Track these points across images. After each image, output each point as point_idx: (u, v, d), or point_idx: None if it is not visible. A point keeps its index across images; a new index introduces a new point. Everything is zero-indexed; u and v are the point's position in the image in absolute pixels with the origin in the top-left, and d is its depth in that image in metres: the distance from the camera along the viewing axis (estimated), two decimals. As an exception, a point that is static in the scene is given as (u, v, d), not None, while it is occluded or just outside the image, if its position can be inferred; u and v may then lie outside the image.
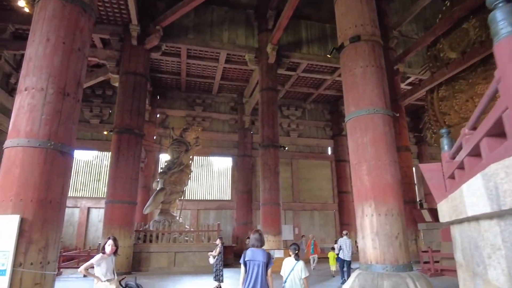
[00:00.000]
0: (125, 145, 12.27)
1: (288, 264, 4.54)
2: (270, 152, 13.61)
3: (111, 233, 11.26)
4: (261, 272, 3.78)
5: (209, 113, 19.84)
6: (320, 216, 20.12)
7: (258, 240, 3.96)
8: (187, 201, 18.11)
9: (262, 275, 3.79)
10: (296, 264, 4.47)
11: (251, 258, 3.86)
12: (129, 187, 11.96)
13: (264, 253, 3.91)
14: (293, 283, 4.39)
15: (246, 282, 3.83)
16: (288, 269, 4.47)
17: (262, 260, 3.81)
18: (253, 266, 3.81)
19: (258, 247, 3.95)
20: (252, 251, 3.92)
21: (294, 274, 4.41)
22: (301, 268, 4.42)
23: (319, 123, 21.70)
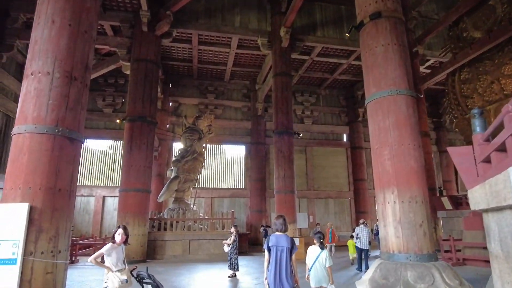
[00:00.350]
0: (138, 133, 12.17)
1: (312, 252, 4.53)
2: (284, 139, 13.29)
3: (125, 222, 11.30)
4: (285, 257, 3.77)
5: (222, 100, 19.58)
6: (335, 204, 19.81)
7: (282, 225, 3.98)
8: (201, 189, 18.08)
9: (287, 261, 3.78)
10: (321, 252, 4.45)
11: (275, 244, 3.87)
12: (142, 175, 11.90)
13: (288, 238, 3.90)
14: (317, 272, 4.38)
15: (270, 268, 3.83)
16: (313, 257, 4.47)
17: (286, 245, 3.81)
18: (277, 252, 3.81)
19: (282, 232, 3.95)
20: (276, 236, 3.92)
21: (319, 262, 4.40)
22: (326, 256, 4.41)
23: (334, 109, 21.18)
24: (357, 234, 9.69)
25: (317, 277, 4.42)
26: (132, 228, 11.28)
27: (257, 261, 11.71)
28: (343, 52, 16.73)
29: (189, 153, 14.46)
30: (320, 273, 4.39)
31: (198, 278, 8.18)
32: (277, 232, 4.01)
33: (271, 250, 3.90)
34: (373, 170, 6.55)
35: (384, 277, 5.20)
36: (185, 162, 14.32)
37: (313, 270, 4.43)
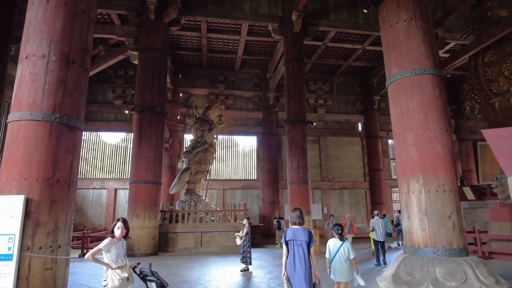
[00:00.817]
0: (147, 124, 11.90)
1: (333, 245, 4.38)
2: (297, 128, 12.81)
3: (136, 214, 11.14)
4: (303, 251, 3.68)
5: (232, 90, 19.16)
6: (350, 195, 19.29)
7: (299, 218, 3.87)
8: (212, 180, 17.84)
9: (305, 255, 3.68)
10: (342, 244, 4.33)
11: (292, 238, 3.76)
12: (152, 166, 11.65)
13: (306, 231, 3.79)
14: (340, 265, 4.25)
15: (289, 263, 3.73)
16: (334, 250, 4.33)
17: (304, 239, 3.71)
18: (295, 246, 3.71)
19: (299, 225, 3.85)
20: (293, 230, 3.81)
21: (341, 255, 4.27)
22: (348, 248, 4.30)
23: (349, 97, 20.50)
24: (373, 226, 9.46)
25: (339, 271, 4.27)
26: (143, 221, 11.12)
27: (270, 253, 11.38)
28: (357, 37, 16.04)
29: (200, 144, 14.15)
30: (342, 266, 4.24)
31: (209, 272, 7.90)
32: (293, 225, 3.89)
33: (288, 244, 3.79)
34: (396, 157, 6.05)
35: (409, 273, 4.76)
36: (196, 153, 14.03)
37: (336, 263, 4.28)
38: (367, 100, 20.15)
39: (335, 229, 4.49)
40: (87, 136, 18.02)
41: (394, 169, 20.53)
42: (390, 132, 20.41)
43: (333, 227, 4.56)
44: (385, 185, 19.31)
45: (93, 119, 17.90)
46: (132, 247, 10.90)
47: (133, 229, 11.03)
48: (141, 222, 11.09)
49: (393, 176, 20.11)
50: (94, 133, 18.11)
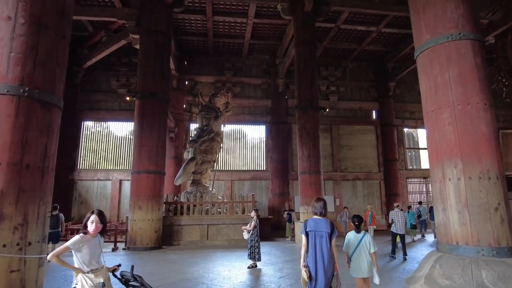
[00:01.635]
0: (149, 111, 11.24)
1: (353, 238, 4.15)
2: (308, 115, 11.98)
3: (138, 206, 10.52)
4: (325, 243, 3.57)
5: (240, 77, 18.32)
6: (363, 186, 18.41)
7: (322, 209, 3.73)
8: (220, 171, 17.17)
9: (327, 247, 3.57)
10: (363, 237, 4.10)
11: (313, 229, 3.65)
12: (155, 155, 11.01)
13: (328, 222, 3.67)
14: (360, 259, 4.04)
15: (309, 254, 3.62)
16: (354, 243, 4.11)
17: (325, 230, 3.61)
18: (316, 237, 3.61)
19: (321, 216, 3.71)
20: (314, 220, 3.71)
21: (361, 248, 4.05)
22: (369, 241, 4.08)
23: (362, 84, 19.46)
24: (392, 218, 9.08)
25: (359, 266, 4.04)
26: (145, 213, 10.52)
27: (280, 248, 10.67)
28: (372, 18, 15.02)
29: (206, 133, 13.44)
30: (362, 261, 4.02)
31: (214, 269, 7.22)
32: (315, 216, 3.75)
33: (309, 235, 3.68)
34: (428, 140, 5.21)
35: (447, 276, 3.97)
36: (202, 142, 13.34)
37: (356, 257, 4.06)
38: (382, 87, 19.09)
39: (354, 221, 4.23)
40: (91, 126, 17.50)
41: (410, 159, 19.54)
42: (406, 120, 19.40)
43: (352, 218, 4.28)
44: (400, 175, 18.36)
45: (97, 109, 17.35)
46: (134, 240, 10.35)
47: (135, 221, 10.48)
48: (143, 214, 10.49)
49: (409, 167, 19.13)
50: (98, 122, 17.56)
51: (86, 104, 17.31)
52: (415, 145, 19.77)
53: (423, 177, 18.94)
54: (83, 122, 17.31)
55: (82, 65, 16.36)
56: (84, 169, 16.90)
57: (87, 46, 16.50)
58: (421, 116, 19.40)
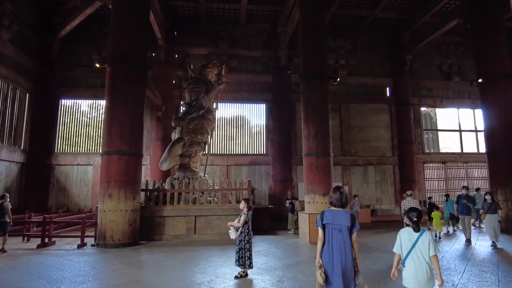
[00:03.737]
0: (122, 79, 9.28)
1: (407, 236, 3.21)
2: (315, 85, 9.97)
3: (108, 194, 8.67)
4: (344, 238, 3.15)
5: (237, 49, 16.24)
6: (376, 171, 16.47)
7: (339, 199, 3.24)
8: (214, 155, 15.33)
9: (346, 242, 3.14)
10: (421, 236, 3.16)
11: (330, 221, 3.21)
12: (129, 133, 9.10)
13: (348, 215, 3.23)
14: (417, 264, 3.09)
15: (326, 250, 3.18)
16: (408, 243, 3.18)
17: (345, 223, 3.17)
18: (334, 231, 3.18)
19: (339, 207, 3.25)
20: (331, 212, 3.26)
21: (417, 251, 3.12)
22: (429, 242, 3.12)
23: (375, 57, 17.32)
24: (404, 208, 8.41)
25: (414, 274, 3.09)
26: (117, 202, 8.68)
27: (281, 244, 8.81)
28: (390, -25, 12.82)
29: (195, 109, 11.51)
30: (419, 268, 3.07)
31: (189, 280, 5.35)
32: (333, 207, 3.27)
33: (326, 228, 3.22)
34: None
35: None
36: (190, 120, 11.42)
37: (410, 261, 3.13)
38: (397, 60, 16.95)
39: (410, 215, 3.27)
40: (69, 104, 15.59)
41: (427, 141, 17.51)
42: (423, 98, 17.30)
43: (407, 212, 3.30)
44: (417, 160, 16.40)
45: (76, 85, 15.45)
46: (104, 235, 8.54)
47: (105, 212, 8.66)
48: (114, 204, 8.64)
49: (426, 150, 17.11)
50: (77, 101, 15.64)
51: (64, 80, 15.39)
52: (433, 126, 17.79)
53: (442, 162, 16.96)
54: (61, 101, 15.42)
55: (57, 34, 14.35)
56: (63, 153, 15.10)
57: (62, 13, 14.47)
58: (439, 93, 17.39)
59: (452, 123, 17.56)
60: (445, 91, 17.58)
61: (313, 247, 8.37)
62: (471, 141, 17.49)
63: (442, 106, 17.55)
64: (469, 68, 17.77)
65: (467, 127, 17.56)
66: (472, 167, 17.12)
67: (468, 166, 17.08)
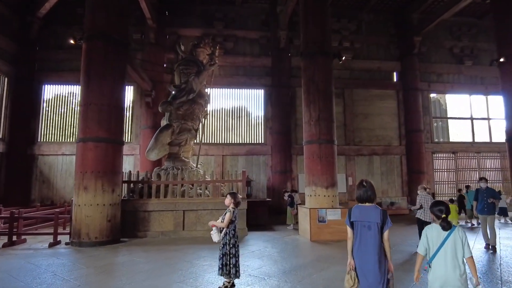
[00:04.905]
0: (99, 57, 8.21)
1: (434, 234, 2.77)
2: (318, 63, 8.86)
3: (83, 186, 7.68)
4: (374, 236, 2.84)
5: (233, 30, 15.07)
6: (381, 162, 15.43)
7: (365, 193, 2.94)
8: (209, 145, 14.31)
9: (376, 240, 2.83)
10: (451, 235, 2.71)
11: (359, 218, 2.92)
12: (107, 117, 8.05)
13: (378, 210, 2.90)
14: (447, 267, 2.64)
15: (355, 250, 2.90)
16: (436, 242, 2.74)
17: (375, 220, 2.86)
18: (363, 229, 2.89)
19: (368, 202, 2.93)
20: (360, 208, 2.95)
21: (447, 251, 2.67)
22: (463, 241, 2.69)
23: (381, 39, 16.13)
24: (421, 203, 7.33)
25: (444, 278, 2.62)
26: (94, 195, 7.67)
27: (278, 243, 7.81)
28: None
29: (184, 93, 10.44)
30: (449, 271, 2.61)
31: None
32: (361, 202, 2.95)
33: (354, 226, 2.94)
34: None
35: None
36: (179, 104, 10.37)
37: (438, 265, 2.67)
38: (405, 43, 15.77)
39: (437, 210, 2.79)
40: (53, 90, 14.50)
41: (436, 130, 16.42)
42: (432, 83, 16.14)
43: (433, 207, 2.83)
44: (425, 150, 15.35)
45: (60, 69, 14.34)
46: (78, 232, 7.56)
47: (79, 207, 7.66)
48: (90, 197, 7.65)
49: (435, 139, 16.04)
50: (61, 86, 14.56)
51: (47, 64, 14.30)
52: (442, 114, 16.61)
53: (452, 152, 15.90)
54: (44, 86, 14.35)
55: (36, 14, 13.22)
56: (46, 142, 14.08)
57: (43, -10, 13.31)
58: (450, 79, 16.18)
59: (463, 110, 16.43)
60: (456, 76, 16.42)
61: (314, 246, 7.39)
62: (484, 129, 16.37)
63: (453, 92, 16.40)
64: (482, 51, 16.63)
65: (480, 115, 16.43)
66: (485, 157, 16.06)
67: (480, 156, 16.02)
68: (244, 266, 5.51)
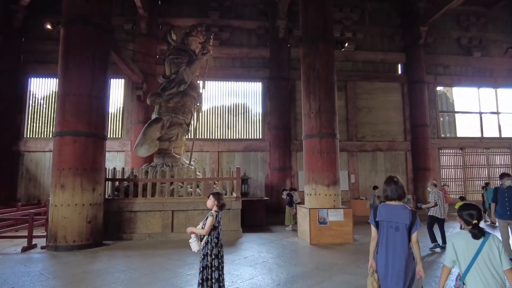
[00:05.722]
0: (78, 43, 7.49)
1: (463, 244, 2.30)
2: (319, 49, 8.11)
3: (60, 184, 6.99)
4: (402, 238, 2.63)
5: (229, 20, 14.30)
6: (385, 158, 14.69)
7: (395, 191, 2.75)
8: (204, 141, 13.60)
9: (405, 242, 2.63)
10: (485, 244, 2.26)
11: (386, 218, 2.72)
12: (86, 109, 7.34)
13: (407, 210, 2.71)
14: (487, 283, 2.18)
15: (380, 253, 2.69)
16: (468, 254, 2.27)
17: (403, 221, 2.66)
18: (390, 230, 2.69)
19: (396, 201, 2.75)
20: (386, 207, 2.76)
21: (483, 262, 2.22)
22: (499, 250, 2.23)
23: (385, 29, 15.33)
24: (435, 200, 7.01)
25: None
26: (71, 195, 6.98)
27: (275, 247, 7.09)
28: None
29: (175, 84, 9.72)
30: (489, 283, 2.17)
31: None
32: (388, 200, 2.77)
33: (380, 226, 2.75)
34: None
35: None
36: (169, 97, 9.64)
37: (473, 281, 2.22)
38: (410, 33, 14.98)
39: (467, 215, 2.35)
40: (39, 83, 13.78)
41: (443, 125, 15.66)
42: (439, 76, 15.36)
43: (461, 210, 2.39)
44: (431, 145, 14.59)
45: (47, 61, 13.57)
46: (55, 235, 6.86)
47: (56, 207, 6.96)
48: (68, 196, 6.94)
49: (441, 134, 15.28)
50: (49, 79, 13.82)
51: (33, 55, 13.59)
52: (449, 108, 15.83)
53: (459, 148, 15.14)
54: (30, 78, 13.63)
55: (20, 2, 12.49)
56: (33, 138, 13.38)
57: (28, -24, 12.58)
58: (458, 71, 15.34)
59: (472, 104, 15.65)
60: (464, 68, 15.63)
61: (314, 251, 6.67)
62: (493, 124, 15.60)
63: (461, 85, 15.61)
64: (492, 42, 15.84)
65: (489, 109, 15.66)
66: (494, 153, 15.30)
67: (490, 153, 15.26)
68: (233, 276, 4.81)
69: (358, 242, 7.50)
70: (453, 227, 9.85)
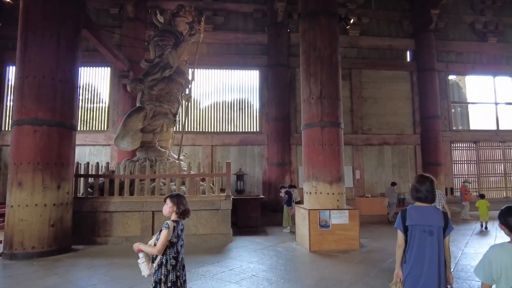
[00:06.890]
0: (39, 16, 6.44)
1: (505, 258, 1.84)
2: (320, 25, 7.00)
3: (18, 180, 5.98)
4: (436, 242, 2.30)
5: (223, 3, 13.18)
6: (393, 152, 13.59)
7: (430, 192, 2.38)
8: (196, 133, 12.58)
9: (440, 248, 2.30)
10: None
11: (418, 222, 2.35)
12: (50, 94, 6.31)
13: (439, 212, 2.41)
14: None
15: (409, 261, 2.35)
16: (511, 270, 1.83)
17: (438, 224, 2.33)
18: (422, 235, 2.32)
19: (428, 202, 2.39)
20: (418, 210, 2.40)
21: None
22: None
23: (393, 14, 14.17)
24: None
25: None
26: (31, 193, 5.96)
27: (269, 254, 6.04)
28: None
29: (159, 69, 8.65)
30: None
31: None
32: (419, 202, 2.40)
33: (410, 231, 2.36)
34: None
35: None
36: (153, 83, 8.58)
37: None
38: (419, 18, 13.82)
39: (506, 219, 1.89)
40: (19, 71, 12.74)
41: (455, 117, 14.53)
42: (451, 63, 14.19)
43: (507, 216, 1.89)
44: (443, 139, 13.48)
45: (27, 49, 12.50)
46: (10, 241, 5.86)
47: (12, 208, 5.95)
48: (26, 196, 5.93)
49: (453, 127, 14.15)
50: (29, 68, 12.78)
51: (12, 42, 12.45)
52: (461, 98, 14.69)
53: (473, 141, 14.02)
54: (8, 67, 12.64)
55: (-6, -18, 11.44)
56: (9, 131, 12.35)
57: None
58: (471, 58, 14.09)
59: (486, 94, 14.49)
60: (478, 55, 14.46)
61: (314, 261, 5.62)
62: (509, 116, 14.45)
63: (475, 73, 14.45)
64: (508, 27, 14.67)
65: (505, 99, 14.50)
66: (511, 147, 14.17)
67: (506, 146, 14.12)
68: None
69: (365, 248, 6.46)
70: (471, 229, 8.80)
